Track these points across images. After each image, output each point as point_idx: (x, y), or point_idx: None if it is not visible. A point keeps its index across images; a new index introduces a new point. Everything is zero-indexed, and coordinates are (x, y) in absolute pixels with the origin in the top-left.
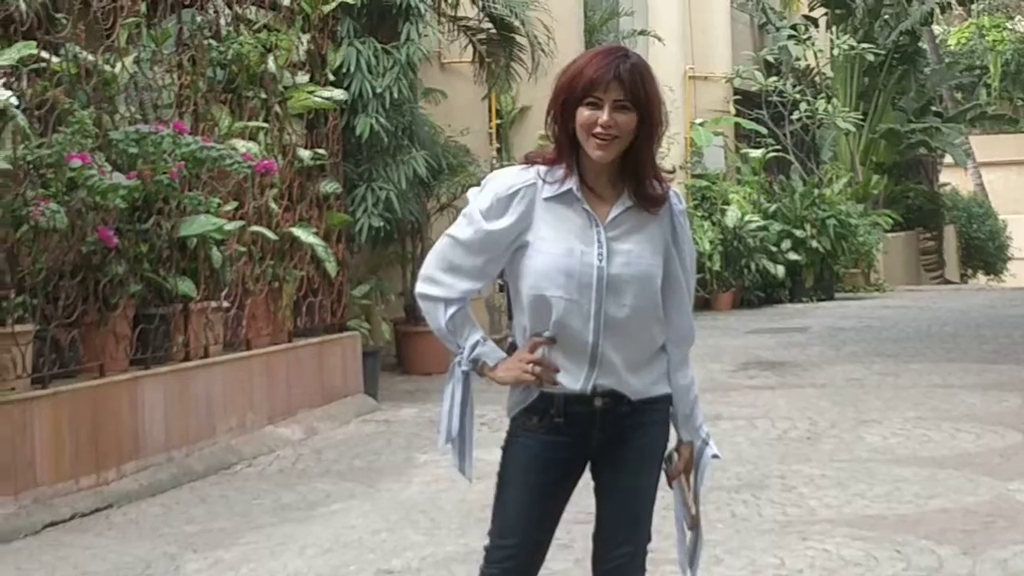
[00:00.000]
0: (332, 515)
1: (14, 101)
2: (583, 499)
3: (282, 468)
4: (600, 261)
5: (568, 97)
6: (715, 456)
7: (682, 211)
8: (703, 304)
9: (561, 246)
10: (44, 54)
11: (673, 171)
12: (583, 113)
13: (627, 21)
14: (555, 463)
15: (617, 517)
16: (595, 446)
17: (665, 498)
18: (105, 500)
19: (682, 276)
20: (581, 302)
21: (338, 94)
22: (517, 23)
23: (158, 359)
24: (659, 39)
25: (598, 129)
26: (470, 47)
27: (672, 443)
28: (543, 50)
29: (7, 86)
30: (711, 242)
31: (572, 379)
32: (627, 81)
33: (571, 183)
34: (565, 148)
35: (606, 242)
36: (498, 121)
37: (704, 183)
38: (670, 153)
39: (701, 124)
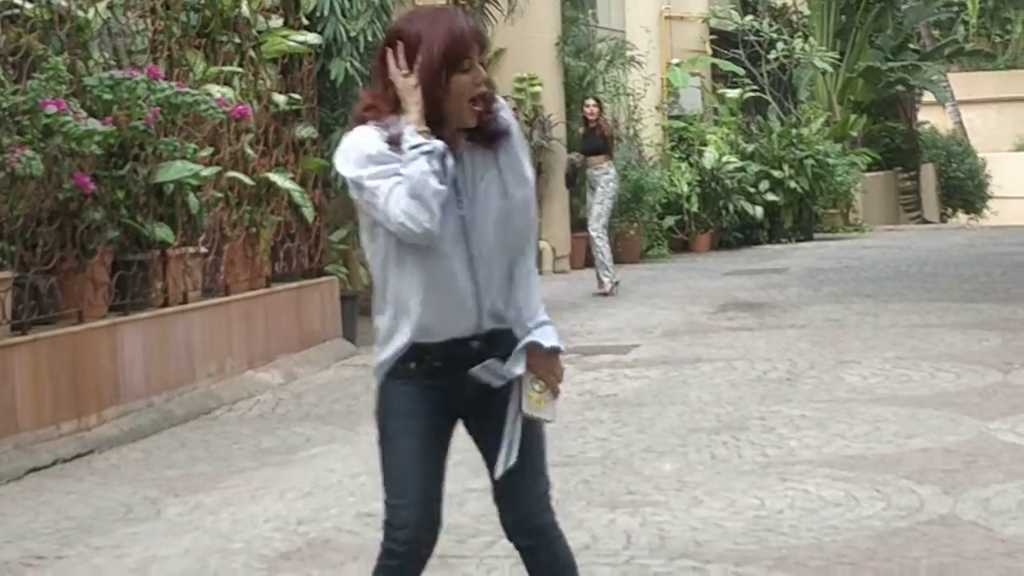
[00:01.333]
0: (312, 459)
1: None
2: (563, 441)
3: (262, 413)
4: (461, 208)
5: (441, 60)
6: (554, 347)
7: (517, 135)
8: (682, 246)
9: None
10: (17, 0)
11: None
12: (461, 79)
13: None
14: (436, 408)
15: (521, 464)
16: (471, 393)
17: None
18: (86, 446)
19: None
20: (456, 251)
21: (312, 38)
22: None
23: (137, 305)
24: None
25: (475, 90)
26: None
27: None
28: None
29: None
30: (689, 184)
31: (448, 323)
32: (478, 35)
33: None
34: (391, 107)
35: (461, 184)
36: None
37: (681, 124)
38: (646, 94)
39: (677, 65)
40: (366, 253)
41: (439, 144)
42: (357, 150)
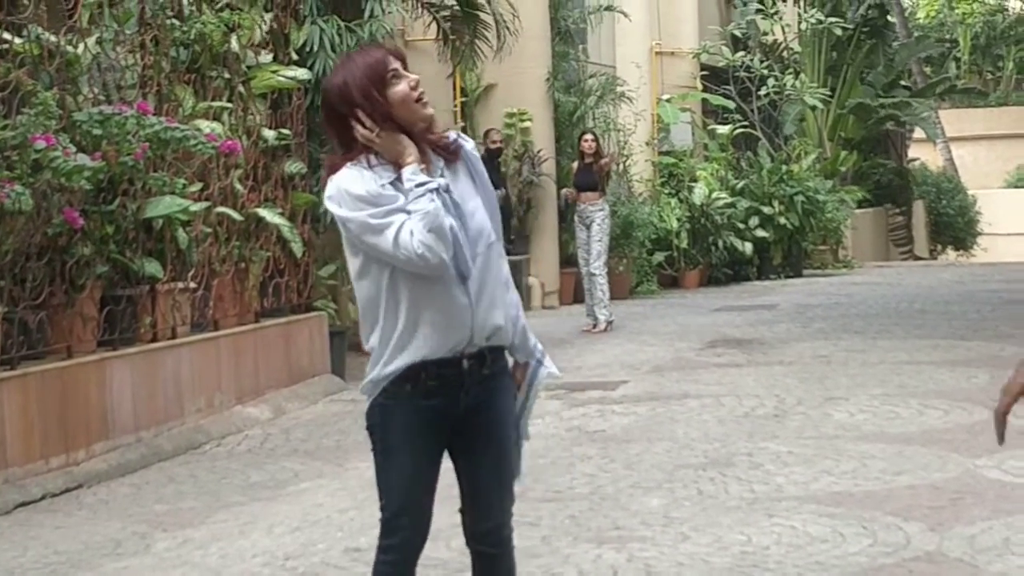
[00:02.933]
0: (300, 494)
1: None
2: (550, 476)
3: (250, 448)
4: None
5: (368, 88)
6: (551, 373)
7: (472, 148)
8: (671, 282)
9: None
10: (6, 35)
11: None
12: (396, 91)
13: None
14: (431, 424)
15: (493, 480)
16: (461, 410)
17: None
18: (75, 480)
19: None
20: (449, 277)
21: (302, 73)
22: (482, 0)
23: (126, 340)
24: (625, 15)
25: (415, 93)
26: (434, 25)
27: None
28: (508, 28)
29: None
30: (678, 219)
31: (443, 344)
32: (393, 50)
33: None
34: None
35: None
36: (463, 99)
37: (671, 160)
38: (637, 130)
39: (668, 100)
40: (353, 283)
41: (442, 181)
42: (349, 194)
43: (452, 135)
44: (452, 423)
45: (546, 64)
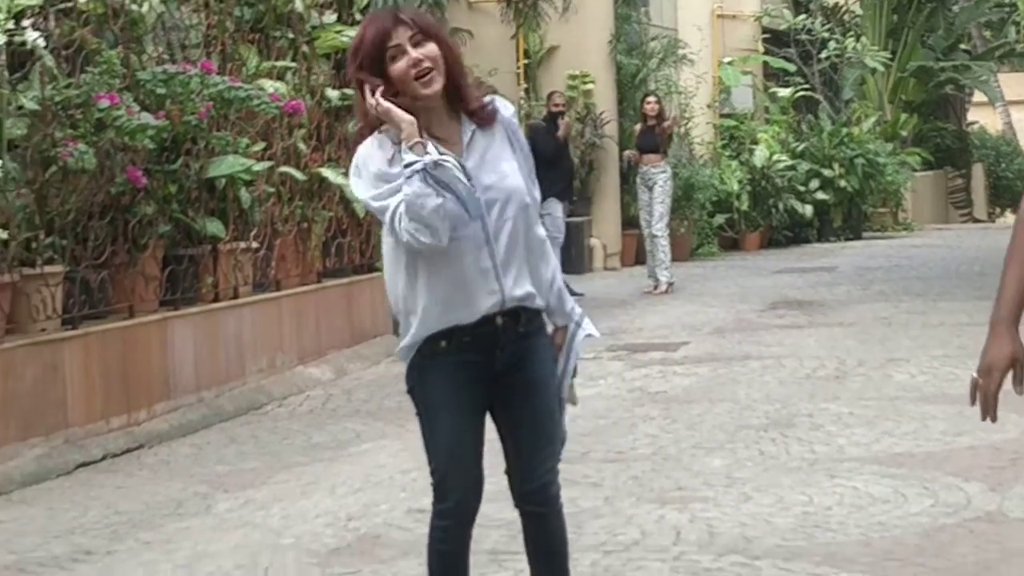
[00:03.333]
0: (362, 454)
1: (41, 42)
2: (612, 437)
3: (312, 408)
4: (475, 191)
5: (369, 63)
6: (589, 335)
7: (511, 114)
8: (731, 244)
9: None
10: None
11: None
12: (395, 68)
13: None
14: (470, 380)
15: (536, 440)
16: (499, 367)
17: None
18: (136, 440)
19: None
20: (473, 234)
21: None
22: None
23: (187, 300)
24: None
25: (413, 70)
26: None
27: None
28: None
29: (35, 27)
30: (739, 182)
31: (473, 309)
32: (408, 18)
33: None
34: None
35: (472, 171)
36: (526, 61)
37: (732, 123)
38: (698, 92)
39: (729, 63)
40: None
41: (429, 158)
42: (365, 169)
43: (488, 99)
44: (490, 382)
45: (608, 26)
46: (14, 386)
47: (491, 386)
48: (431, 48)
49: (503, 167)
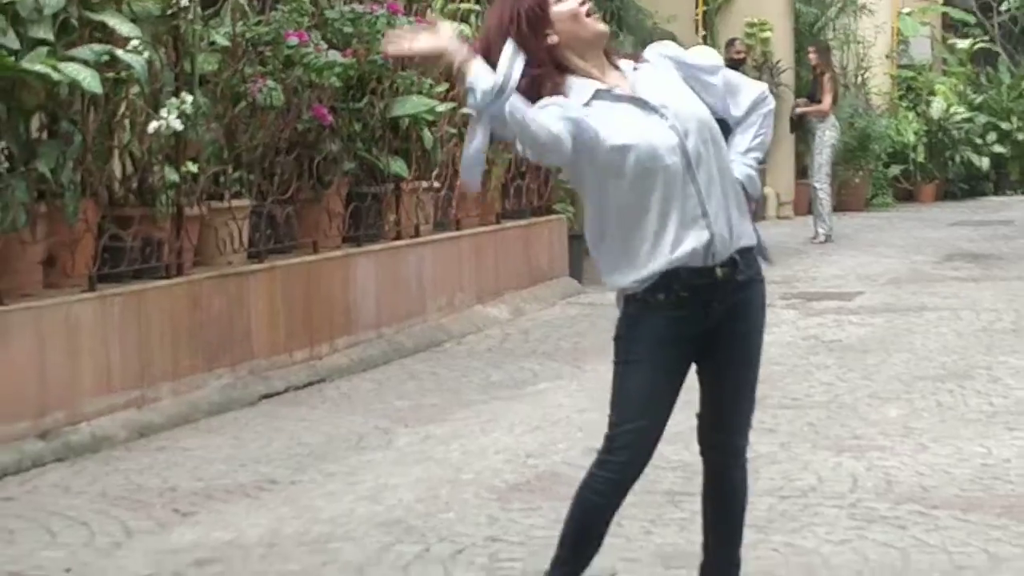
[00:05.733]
0: (540, 394)
1: None
2: (788, 384)
3: (490, 347)
4: (667, 120)
5: (533, 15)
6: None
7: (673, 51)
8: (907, 195)
9: (634, 130)
10: None
11: None
12: (562, 8)
13: None
14: (681, 338)
15: (736, 392)
16: (713, 321)
17: None
18: (318, 374)
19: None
20: (678, 170)
21: None
22: None
23: (370, 237)
24: None
25: (584, 8)
26: None
27: None
28: None
29: None
30: (915, 133)
31: (686, 243)
32: None
33: (594, 84)
34: (550, 66)
35: (656, 105)
36: (704, 8)
37: (910, 73)
38: (876, 42)
39: (908, 14)
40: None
41: (485, 81)
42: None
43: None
44: (701, 336)
45: None
46: (201, 317)
47: (701, 339)
48: None
49: (674, 88)
